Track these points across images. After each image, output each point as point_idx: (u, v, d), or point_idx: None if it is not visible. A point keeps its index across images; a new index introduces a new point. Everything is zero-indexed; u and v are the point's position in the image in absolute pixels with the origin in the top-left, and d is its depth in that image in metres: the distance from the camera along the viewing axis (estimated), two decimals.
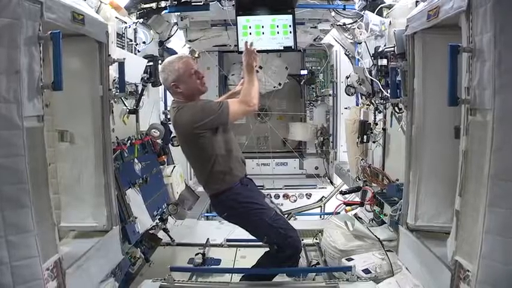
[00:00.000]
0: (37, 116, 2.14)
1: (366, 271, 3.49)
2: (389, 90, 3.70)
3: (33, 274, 2.11)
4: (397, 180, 4.03)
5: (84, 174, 3.09)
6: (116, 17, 3.77)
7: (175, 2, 4.19)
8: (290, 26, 4.20)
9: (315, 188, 7.65)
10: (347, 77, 5.63)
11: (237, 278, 3.62)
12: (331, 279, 3.54)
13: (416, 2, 3.25)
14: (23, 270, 2.06)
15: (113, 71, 3.36)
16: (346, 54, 5.89)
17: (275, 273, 3.51)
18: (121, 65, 3.25)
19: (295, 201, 7.41)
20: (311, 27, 5.67)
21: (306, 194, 7.51)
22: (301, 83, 8.26)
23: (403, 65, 3.09)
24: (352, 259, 3.67)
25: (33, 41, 2.05)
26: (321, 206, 7.24)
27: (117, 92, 3.36)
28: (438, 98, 2.69)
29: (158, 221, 4.61)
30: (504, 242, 1.90)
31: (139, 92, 4.19)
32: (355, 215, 5.01)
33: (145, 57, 4.50)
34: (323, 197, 7.37)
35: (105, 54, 3.02)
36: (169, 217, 5.13)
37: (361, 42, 4.54)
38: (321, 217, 6.63)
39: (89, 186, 3.09)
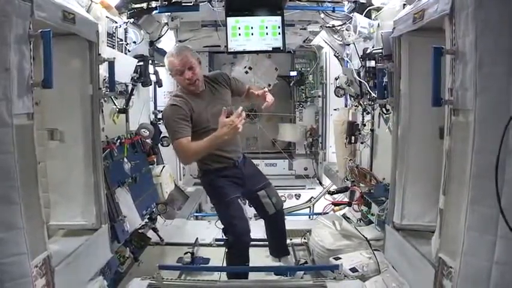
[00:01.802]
0: (27, 113, 2.14)
1: (353, 270, 3.55)
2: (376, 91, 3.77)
3: (22, 271, 2.11)
4: (384, 179, 4.09)
5: (74, 173, 3.09)
6: (107, 17, 3.76)
7: (166, 3, 4.20)
8: (279, 27, 4.23)
9: (304, 188, 7.70)
10: (336, 79, 5.71)
11: (225, 277, 3.66)
12: (319, 278, 3.59)
13: (404, 4, 3.31)
14: (12, 268, 2.06)
15: (103, 70, 3.36)
16: (335, 56, 5.93)
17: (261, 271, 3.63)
18: (111, 64, 3.26)
19: (284, 201, 7.42)
20: (300, 29, 5.74)
21: (295, 195, 7.57)
22: (291, 84, 8.31)
23: (390, 67, 3.15)
24: (340, 258, 3.72)
25: (24, 39, 2.06)
26: (310, 207, 7.30)
27: (107, 91, 3.38)
28: (424, 99, 2.72)
29: (147, 221, 4.62)
30: (484, 239, 1.94)
31: (129, 92, 4.20)
32: (344, 215, 5.06)
33: (135, 57, 4.51)
34: (312, 197, 7.43)
35: (95, 53, 3.03)
36: (158, 217, 5.15)
37: (349, 44, 4.60)
38: (310, 217, 6.68)
39: (78, 184, 3.09)
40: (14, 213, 2.05)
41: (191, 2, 4.25)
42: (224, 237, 3.62)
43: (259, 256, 4.19)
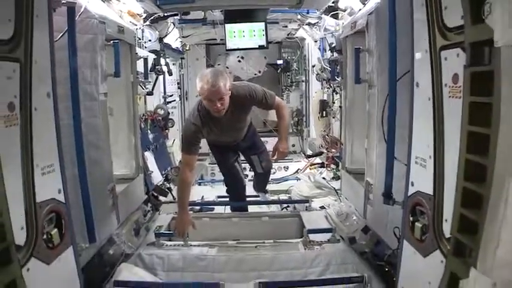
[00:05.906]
0: (104, 93, 3.39)
1: (321, 207, 4.84)
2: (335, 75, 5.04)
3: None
4: None
5: (119, 137, 4.28)
6: (130, 21, 4.94)
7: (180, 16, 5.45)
8: (263, 30, 5.51)
9: (291, 161, 8.80)
10: (313, 66, 6.89)
11: None
12: (295, 210, 4.88)
13: (359, 10, 4.48)
14: (100, 186, 3.30)
15: None
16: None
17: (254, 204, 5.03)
18: (145, 60, 4.49)
19: (274, 173, 8.48)
20: (283, 27, 6.87)
21: (284, 167, 8.59)
22: (278, 71, 9.33)
23: (340, 58, 4.41)
24: (313, 201, 5.02)
25: (102, 47, 3.29)
26: (296, 177, 8.48)
27: (142, 79, 4.60)
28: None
29: (164, 181, 5.84)
30: (385, 162, 3.19)
31: (154, 80, 5.42)
32: (323, 178, 6.28)
33: (151, 51, 5.66)
34: (298, 169, 8.59)
35: (133, 52, 4.25)
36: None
37: (316, 41, 5.80)
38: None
39: (123, 145, 4.31)
40: (100, 155, 3.30)
41: (201, 17, 5.58)
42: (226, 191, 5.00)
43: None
